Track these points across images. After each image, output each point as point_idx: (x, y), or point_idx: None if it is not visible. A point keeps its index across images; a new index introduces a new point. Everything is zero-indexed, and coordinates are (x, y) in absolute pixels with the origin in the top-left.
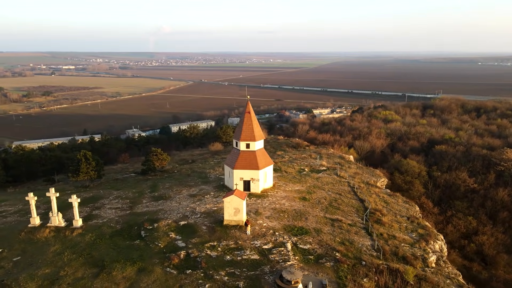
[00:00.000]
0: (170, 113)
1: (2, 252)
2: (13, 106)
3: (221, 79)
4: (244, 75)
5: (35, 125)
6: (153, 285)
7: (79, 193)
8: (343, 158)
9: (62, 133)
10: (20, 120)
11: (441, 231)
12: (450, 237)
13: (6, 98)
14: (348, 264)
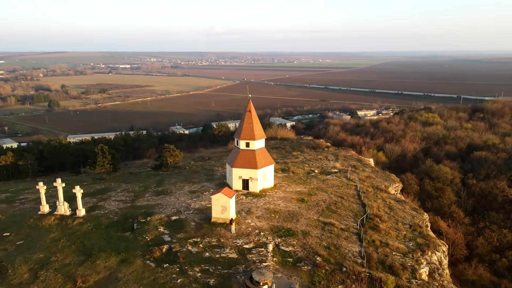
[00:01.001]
0: (214, 112)
1: (9, 236)
2: (72, 102)
3: (267, 78)
4: (290, 75)
5: (90, 120)
6: (130, 276)
7: (93, 185)
8: (361, 161)
9: (112, 128)
10: (77, 115)
11: (470, 243)
12: (480, 250)
13: (67, 94)
14: (326, 270)
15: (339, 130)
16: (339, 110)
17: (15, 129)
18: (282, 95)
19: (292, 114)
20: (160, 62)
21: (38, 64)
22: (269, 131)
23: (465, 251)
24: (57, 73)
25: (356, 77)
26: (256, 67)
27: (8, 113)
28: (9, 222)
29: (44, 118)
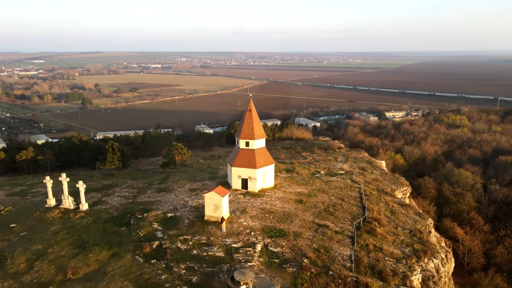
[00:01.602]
0: (240, 111)
1: (15, 227)
2: (104, 100)
3: (295, 78)
4: (319, 75)
5: (119, 118)
6: (118, 270)
7: (101, 180)
8: (371, 163)
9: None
10: (108, 113)
11: (488, 252)
12: (499, 259)
13: (99, 93)
14: (312, 272)
15: (358, 131)
16: (366, 111)
17: (50, 126)
18: (309, 95)
19: (318, 115)
20: (190, 62)
21: (75, 64)
22: (285, 131)
23: (482, 260)
24: (92, 72)
25: (386, 78)
26: (285, 67)
27: (44, 110)
28: (18, 214)
29: (77, 116)
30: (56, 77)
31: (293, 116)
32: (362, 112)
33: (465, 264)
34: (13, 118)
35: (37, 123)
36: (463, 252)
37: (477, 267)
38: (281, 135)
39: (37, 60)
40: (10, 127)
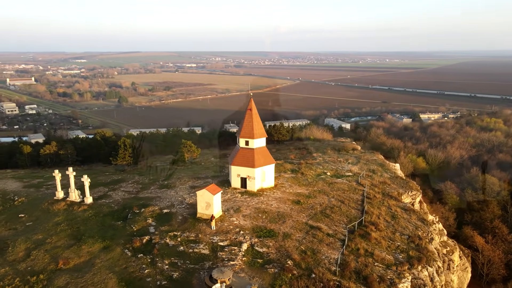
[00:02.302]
0: (269, 111)
1: (23, 217)
2: (139, 99)
3: (329, 79)
4: (353, 75)
5: (152, 116)
6: (106, 262)
7: (112, 175)
8: (383, 166)
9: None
10: (142, 111)
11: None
12: None
13: (135, 91)
14: (293, 274)
15: (381, 133)
16: (400, 113)
17: (88, 122)
18: (342, 95)
19: (349, 116)
20: (224, 62)
21: (114, 63)
22: (303, 132)
23: (503, 271)
24: (130, 71)
25: (424, 78)
26: (319, 67)
27: (83, 108)
28: (29, 204)
29: (113, 113)
30: (97, 75)
31: (322, 116)
32: (395, 113)
33: (484, 274)
34: (54, 114)
35: (76, 119)
36: (482, 262)
37: (497, 278)
38: (299, 135)
39: (80, 59)
40: (51, 123)
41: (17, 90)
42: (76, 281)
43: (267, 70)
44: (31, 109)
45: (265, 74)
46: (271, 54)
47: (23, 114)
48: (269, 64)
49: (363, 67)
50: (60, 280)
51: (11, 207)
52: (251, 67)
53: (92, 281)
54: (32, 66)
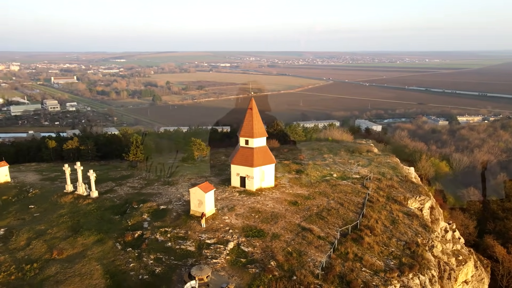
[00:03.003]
0: (300, 111)
1: (33, 208)
2: (172, 97)
3: (363, 79)
4: (389, 76)
5: (184, 114)
6: (96, 254)
7: (122, 171)
8: (396, 169)
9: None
10: (174, 110)
11: None
12: None
13: (169, 90)
14: (274, 275)
15: (405, 135)
16: (436, 115)
17: (122, 120)
18: (375, 96)
19: (382, 117)
20: (258, 61)
21: (151, 63)
22: (322, 133)
23: None
24: (165, 70)
25: (465, 79)
26: (353, 67)
27: (119, 105)
28: (41, 196)
29: (147, 111)
30: (134, 75)
31: (353, 117)
32: (430, 115)
33: (503, 286)
34: (92, 111)
35: (112, 117)
36: (502, 274)
37: None
38: (318, 136)
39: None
40: (88, 120)
41: (60, 88)
42: (65, 271)
43: (301, 70)
44: (71, 106)
45: (298, 74)
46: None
47: (64, 111)
48: (303, 64)
49: (400, 67)
50: (51, 269)
51: (24, 198)
52: (284, 67)
53: (80, 272)
54: (75, 66)
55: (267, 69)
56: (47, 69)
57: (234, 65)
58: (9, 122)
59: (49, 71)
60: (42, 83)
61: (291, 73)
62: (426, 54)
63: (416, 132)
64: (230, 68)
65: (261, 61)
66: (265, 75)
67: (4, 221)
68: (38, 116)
